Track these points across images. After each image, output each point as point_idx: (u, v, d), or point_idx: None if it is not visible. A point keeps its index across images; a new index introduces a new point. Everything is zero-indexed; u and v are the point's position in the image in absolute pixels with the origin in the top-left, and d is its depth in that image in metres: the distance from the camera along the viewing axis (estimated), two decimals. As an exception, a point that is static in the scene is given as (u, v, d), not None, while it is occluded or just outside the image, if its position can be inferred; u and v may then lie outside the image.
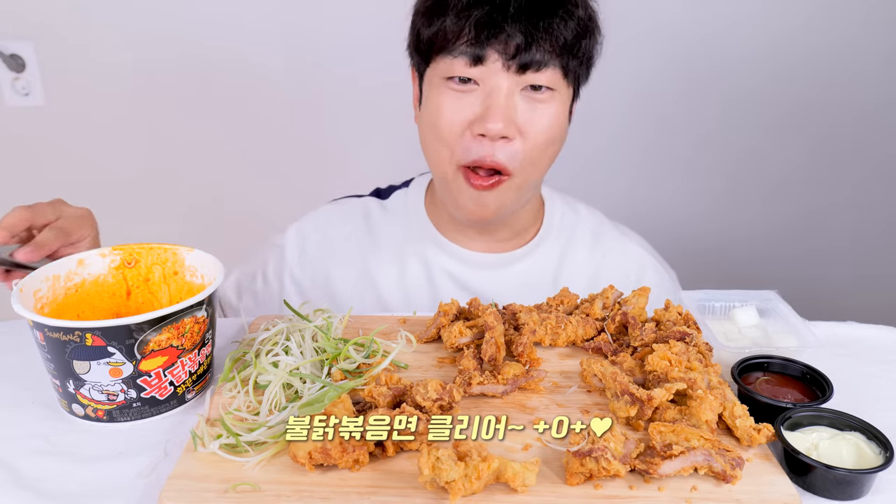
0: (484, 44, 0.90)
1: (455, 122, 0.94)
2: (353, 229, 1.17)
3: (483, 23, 0.89)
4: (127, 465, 0.67)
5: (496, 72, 0.92)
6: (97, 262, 0.84)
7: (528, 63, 0.91)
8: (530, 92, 0.94)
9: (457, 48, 0.92)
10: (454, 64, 0.92)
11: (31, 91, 1.97)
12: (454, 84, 0.94)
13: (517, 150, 0.95)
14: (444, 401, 0.66)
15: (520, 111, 0.93)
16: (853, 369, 0.83)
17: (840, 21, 1.93)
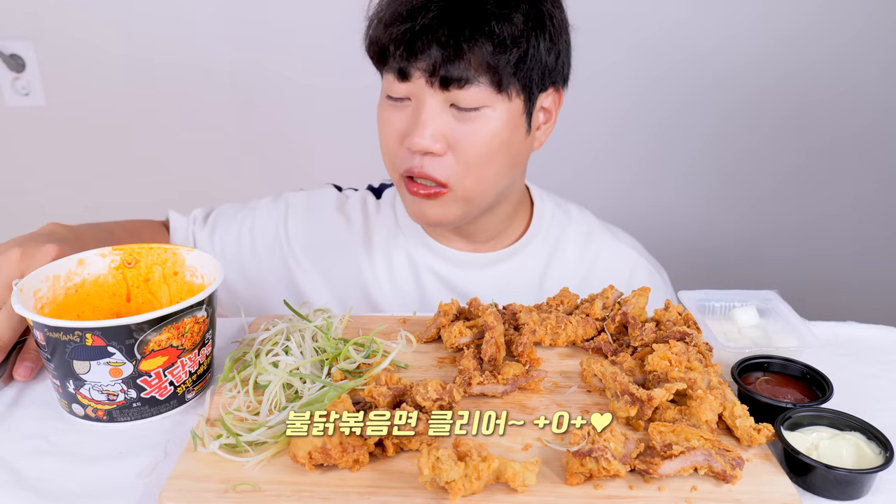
0: (407, 60, 0.91)
1: (392, 135, 0.97)
2: (353, 220, 1.18)
3: (402, 40, 0.90)
4: (127, 465, 0.67)
5: (422, 87, 0.92)
6: (97, 262, 0.84)
7: (448, 79, 0.90)
8: (456, 111, 0.93)
9: (389, 64, 0.94)
10: (388, 80, 0.95)
11: (31, 91, 1.98)
12: (391, 101, 0.96)
13: (449, 165, 0.95)
14: (444, 401, 0.66)
15: (449, 127, 0.93)
16: (853, 369, 0.83)
17: (840, 26, 1.94)
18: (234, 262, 1.17)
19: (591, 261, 1.16)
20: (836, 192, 2.14)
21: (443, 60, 0.89)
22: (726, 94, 2.02)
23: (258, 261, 1.17)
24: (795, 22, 1.94)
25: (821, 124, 2.05)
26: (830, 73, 1.99)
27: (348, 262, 1.15)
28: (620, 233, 1.23)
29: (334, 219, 1.18)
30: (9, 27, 1.92)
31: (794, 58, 1.97)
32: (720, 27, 1.95)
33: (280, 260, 1.16)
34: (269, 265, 1.17)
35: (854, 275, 2.22)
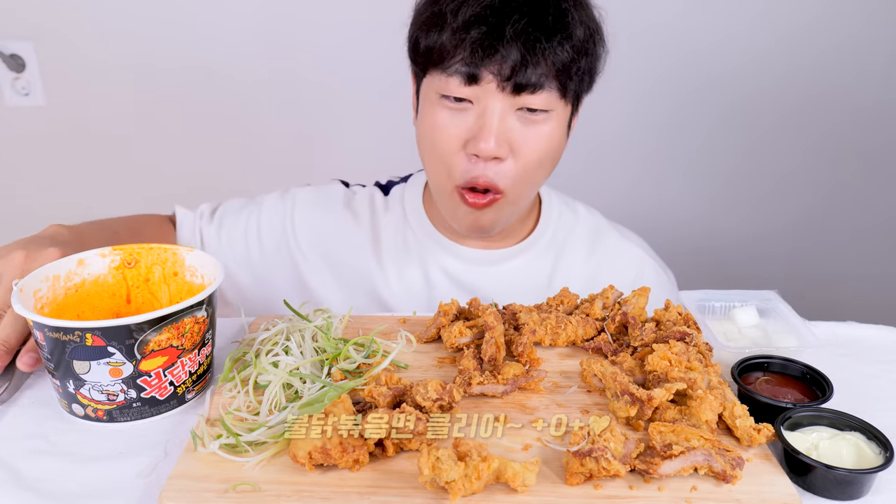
0: (479, 64, 0.89)
1: (451, 140, 0.94)
2: (360, 216, 1.18)
3: (479, 43, 0.88)
4: (127, 465, 0.67)
5: (490, 92, 0.90)
6: (97, 262, 0.84)
7: (523, 85, 0.89)
8: (525, 113, 0.93)
9: (452, 66, 0.90)
10: (449, 82, 0.91)
11: (31, 91, 1.98)
12: (449, 102, 0.93)
13: (508, 170, 0.94)
14: (444, 401, 0.66)
15: (513, 132, 0.93)
16: (853, 369, 0.83)
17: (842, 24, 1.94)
18: (241, 257, 1.17)
19: (600, 260, 1.16)
20: (837, 192, 2.14)
21: (521, 65, 0.88)
22: (727, 93, 2.02)
23: (265, 256, 1.17)
24: (796, 20, 1.94)
25: (822, 123, 2.05)
26: (832, 71, 1.99)
27: (356, 257, 1.15)
28: (629, 233, 1.23)
29: (342, 215, 1.18)
30: (9, 27, 1.92)
31: (795, 55, 1.97)
32: (720, 25, 1.94)
33: (287, 255, 1.16)
34: (276, 261, 1.16)
35: (854, 274, 2.22)
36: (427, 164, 1.01)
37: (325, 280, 1.15)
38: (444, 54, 0.90)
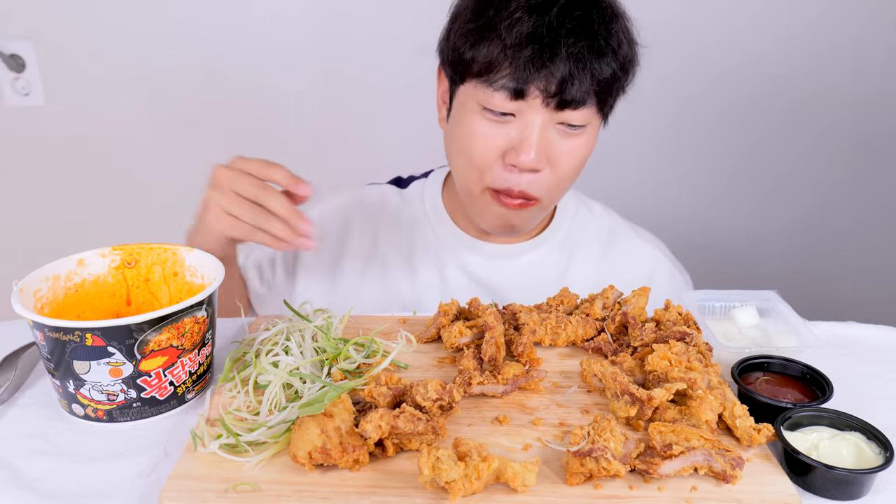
0: (527, 80, 0.89)
1: (489, 150, 0.95)
2: (370, 216, 1.19)
3: (530, 60, 0.88)
4: (127, 465, 0.67)
5: (534, 107, 0.91)
6: (97, 262, 0.84)
7: (567, 101, 0.90)
8: (565, 127, 0.94)
9: (499, 80, 0.90)
10: (494, 96, 0.91)
11: (31, 91, 1.98)
12: (491, 114, 0.93)
13: (544, 180, 0.96)
14: (444, 401, 0.66)
15: (552, 145, 0.94)
16: (853, 369, 0.83)
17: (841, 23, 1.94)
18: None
19: (614, 259, 1.17)
20: (837, 191, 2.14)
21: (568, 83, 0.89)
22: (727, 93, 2.02)
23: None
24: (796, 21, 1.94)
25: (821, 122, 2.05)
26: (832, 71, 1.99)
27: (367, 258, 1.17)
28: (645, 233, 1.23)
29: (350, 221, 1.19)
30: (9, 27, 1.92)
31: (794, 55, 1.97)
32: (720, 25, 1.94)
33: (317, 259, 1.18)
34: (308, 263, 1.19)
35: (855, 272, 2.22)
36: (457, 167, 1.02)
37: (348, 279, 1.17)
38: (491, 67, 0.90)
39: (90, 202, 2.11)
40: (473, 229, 1.14)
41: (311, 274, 1.18)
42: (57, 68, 1.96)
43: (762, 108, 2.04)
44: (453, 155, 1.02)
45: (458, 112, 0.98)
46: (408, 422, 0.63)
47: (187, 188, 2.10)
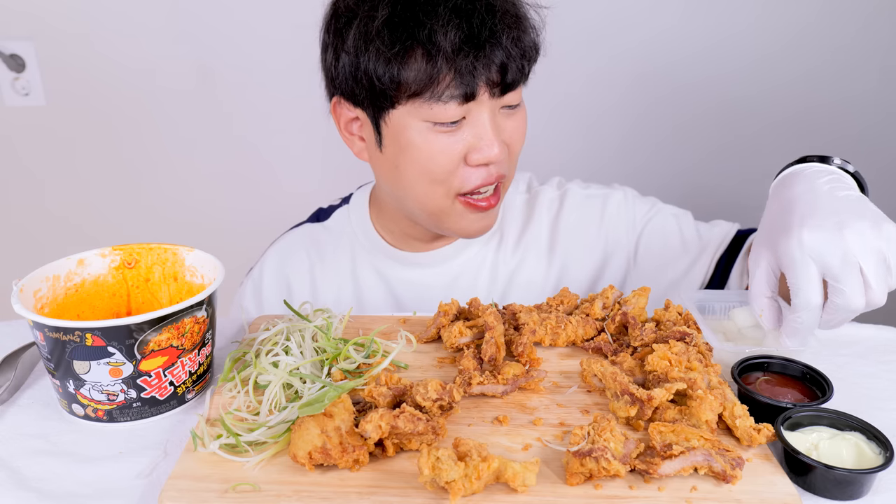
0: (474, 81, 0.87)
1: (451, 161, 0.93)
2: (302, 261, 1.18)
3: (475, 61, 0.86)
4: (127, 465, 0.67)
5: (482, 102, 0.91)
6: (97, 262, 0.84)
7: (509, 84, 0.91)
8: (506, 109, 0.95)
9: (444, 92, 0.88)
10: (444, 109, 0.89)
11: (31, 91, 1.98)
12: (443, 127, 0.91)
13: (504, 160, 0.95)
14: (444, 401, 0.66)
15: (503, 129, 0.94)
16: (853, 369, 0.83)
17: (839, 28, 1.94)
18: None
19: (558, 224, 1.16)
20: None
21: (508, 67, 0.89)
22: (726, 95, 2.02)
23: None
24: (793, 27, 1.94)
25: (821, 127, 2.05)
26: (827, 80, 1.99)
27: (315, 300, 1.16)
28: (557, 184, 1.22)
29: (287, 272, 1.18)
30: (9, 27, 1.92)
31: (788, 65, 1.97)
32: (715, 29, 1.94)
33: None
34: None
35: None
36: (416, 191, 0.97)
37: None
38: (431, 82, 0.87)
39: (90, 202, 2.11)
40: (413, 245, 1.13)
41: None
42: (57, 68, 1.96)
43: (763, 108, 2.04)
44: (406, 181, 0.97)
45: (398, 138, 0.93)
46: (408, 422, 0.63)
47: (187, 188, 2.11)
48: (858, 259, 0.66)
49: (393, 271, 1.14)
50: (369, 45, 0.88)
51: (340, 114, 1.01)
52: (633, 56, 1.96)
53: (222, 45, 1.96)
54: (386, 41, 0.86)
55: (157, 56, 1.96)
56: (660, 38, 1.95)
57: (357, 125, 1.00)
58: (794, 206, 0.73)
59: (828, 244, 0.67)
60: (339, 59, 0.93)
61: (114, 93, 2.00)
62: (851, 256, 0.66)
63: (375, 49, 0.87)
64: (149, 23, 1.93)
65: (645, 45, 1.96)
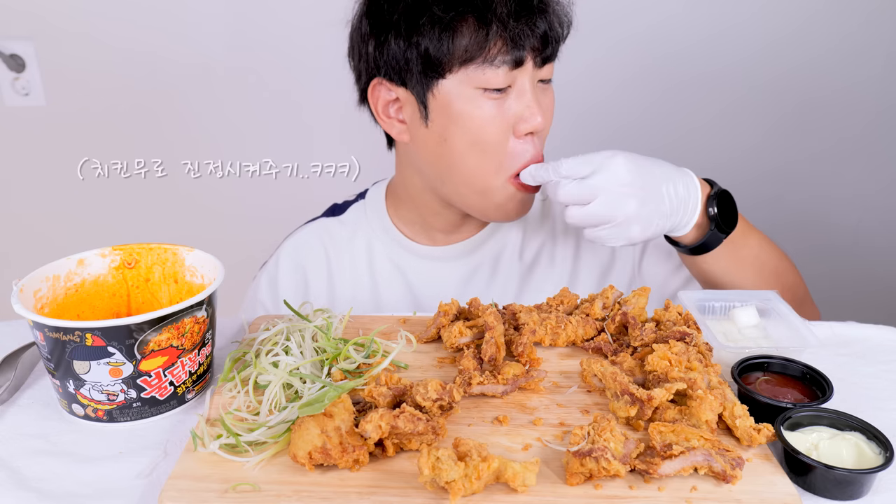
0: (523, 46, 0.91)
1: (500, 130, 0.95)
2: (319, 254, 1.18)
3: (526, 26, 0.90)
4: (127, 465, 0.67)
5: (525, 71, 0.93)
6: (97, 262, 0.84)
7: (548, 56, 0.95)
8: (542, 84, 0.98)
9: (496, 56, 0.91)
10: (496, 73, 0.91)
11: (31, 91, 1.98)
12: (492, 94, 0.93)
13: (542, 137, 0.99)
14: (444, 401, 0.66)
15: (540, 102, 0.96)
16: (853, 369, 0.83)
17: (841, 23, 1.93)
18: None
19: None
20: (837, 191, 2.14)
21: (550, 37, 0.93)
22: (726, 93, 2.02)
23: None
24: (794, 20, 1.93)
25: (822, 123, 2.05)
26: (832, 70, 1.99)
27: (331, 296, 1.17)
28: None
29: (304, 265, 1.18)
30: (9, 27, 1.92)
31: (794, 54, 1.97)
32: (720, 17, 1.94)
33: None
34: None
35: (855, 274, 2.22)
36: (465, 167, 0.98)
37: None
38: (483, 48, 0.91)
39: (90, 202, 2.11)
40: (431, 237, 1.14)
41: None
42: (57, 68, 1.96)
43: (765, 108, 2.04)
44: (456, 154, 0.98)
45: (448, 108, 0.95)
46: (408, 422, 0.63)
47: (187, 188, 2.10)
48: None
49: (410, 265, 1.14)
50: (422, 14, 0.91)
51: (378, 97, 1.01)
52: (635, 46, 1.96)
53: (222, 45, 1.96)
54: (441, 7, 0.90)
55: (157, 56, 1.96)
56: (663, 26, 1.95)
57: (395, 107, 1.01)
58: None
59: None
60: (385, 39, 0.95)
61: (113, 92, 2.00)
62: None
63: (430, 17, 0.90)
64: (148, 22, 1.93)
65: (648, 33, 1.95)
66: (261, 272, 1.22)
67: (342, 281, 1.17)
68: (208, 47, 1.96)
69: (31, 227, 2.13)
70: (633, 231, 0.90)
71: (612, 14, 1.91)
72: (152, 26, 1.93)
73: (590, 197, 0.88)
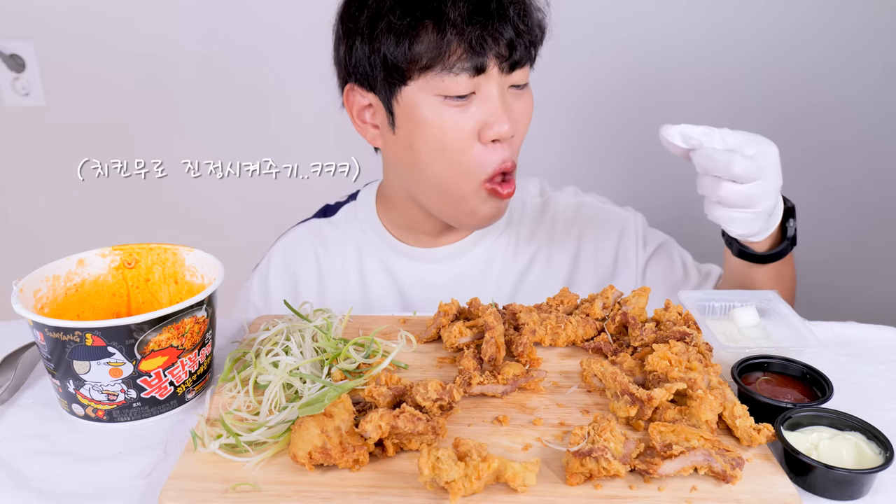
0: (484, 52, 0.89)
1: (464, 137, 0.94)
2: (309, 255, 1.18)
3: (485, 32, 0.88)
4: (127, 465, 0.67)
5: (492, 77, 0.92)
6: (97, 262, 0.84)
7: (517, 61, 0.92)
8: (513, 89, 0.96)
9: (455, 64, 0.90)
10: (455, 81, 0.90)
11: (31, 91, 1.98)
12: (454, 101, 0.92)
13: (514, 144, 0.97)
14: (444, 401, 0.66)
15: (512, 109, 0.95)
16: (853, 369, 0.83)
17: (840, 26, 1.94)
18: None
19: (552, 226, 1.18)
20: (837, 193, 2.14)
21: (516, 42, 0.91)
22: (725, 96, 2.02)
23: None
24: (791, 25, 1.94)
25: (821, 125, 2.05)
26: (831, 74, 1.99)
27: (321, 297, 1.17)
28: (565, 191, 1.23)
29: (294, 267, 1.19)
30: (9, 27, 1.92)
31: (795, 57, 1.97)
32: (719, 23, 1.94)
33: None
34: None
35: (855, 274, 2.22)
36: (436, 173, 0.98)
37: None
38: (441, 54, 0.89)
39: (90, 202, 2.11)
40: (420, 240, 1.13)
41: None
42: (57, 68, 1.96)
43: (764, 110, 2.04)
44: (423, 161, 0.97)
45: (411, 115, 0.94)
46: (408, 422, 0.63)
47: (187, 188, 2.10)
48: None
49: (400, 266, 1.14)
50: (381, 20, 0.91)
51: (353, 102, 1.02)
52: (629, 51, 1.96)
53: (222, 46, 1.96)
54: (397, 15, 0.89)
55: (158, 56, 1.96)
56: (659, 32, 1.95)
57: (370, 112, 1.01)
58: None
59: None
60: (353, 45, 0.95)
61: (114, 92, 2.00)
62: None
63: (387, 24, 0.90)
64: (149, 22, 1.93)
65: (643, 39, 1.95)
66: (253, 273, 1.22)
67: (332, 282, 1.17)
68: (208, 47, 1.96)
69: (32, 227, 2.13)
70: (758, 224, 0.85)
71: (610, 17, 1.91)
72: (152, 26, 1.93)
73: (754, 177, 0.81)
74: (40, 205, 2.12)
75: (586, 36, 1.91)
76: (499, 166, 0.96)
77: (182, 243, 0.86)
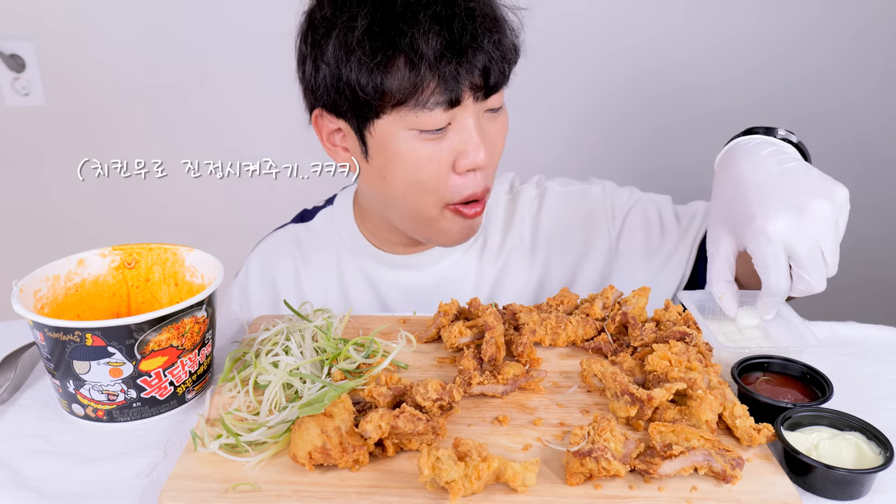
0: (458, 86, 0.87)
1: (440, 168, 0.92)
2: (287, 262, 1.17)
3: (459, 67, 0.85)
4: (127, 465, 0.67)
5: (467, 107, 0.90)
6: (97, 262, 0.84)
7: (492, 87, 0.90)
8: (489, 113, 0.94)
9: (429, 99, 0.86)
10: (429, 116, 0.88)
11: (31, 91, 1.98)
12: (428, 135, 0.90)
13: (489, 167, 0.95)
14: (444, 401, 0.66)
15: (486, 133, 0.93)
16: (853, 369, 0.83)
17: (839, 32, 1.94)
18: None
19: (528, 218, 1.16)
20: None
21: (491, 70, 0.88)
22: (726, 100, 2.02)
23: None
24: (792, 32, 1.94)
25: (821, 127, 2.05)
26: (830, 81, 1.99)
27: (301, 301, 1.16)
28: (538, 182, 1.22)
29: (273, 273, 1.18)
30: (9, 27, 1.92)
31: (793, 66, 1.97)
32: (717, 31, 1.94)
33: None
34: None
35: (855, 274, 2.22)
36: (406, 200, 0.96)
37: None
38: (415, 90, 0.86)
39: (90, 202, 2.11)
40: (396, 248, 1.12)
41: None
42: (57, 68, 1.96)
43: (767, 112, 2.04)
44: (395, 191, 0.96)
45: (385, 148, 0.92)
46: (408, 422, 0.63)
47: (187, 188, 2.10)
48: (821, 244, 0.70)
49: (378, 273, 1.13)
50: (350, 55, 0.86)
51: (322, 126, 0.99)
52: (628, 60, 1.96)
53: (221, 46, 1.96)
54: (367, 51, 0.85)
55: (157, 56, 1.96)
56: (657, 41, 1.95)
57: (340, 136, 0.99)
58: (748, 187, 0.75)
59: (794, 234, 0.70)
60: (318, 71, 0.91)
61: (113, 93, 2.00)
62: (815, 244, 0.70)
63: (357, 59, 0.85)
64: (148, 23, 1.93)
65: (642, 48, 1.95)
66: (234, 281, 1.21)
67: (311, 288, 1.16)
68: (208, 47, 1.96)
69: (31, 228, 2.13)
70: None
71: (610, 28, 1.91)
72: (151, 27, 1.93)
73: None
74: (40, 205, 2.12)
75: (587, 45, 1.91)
76: (470, 194, 0.95)
77: (182, 243, 0.86)
